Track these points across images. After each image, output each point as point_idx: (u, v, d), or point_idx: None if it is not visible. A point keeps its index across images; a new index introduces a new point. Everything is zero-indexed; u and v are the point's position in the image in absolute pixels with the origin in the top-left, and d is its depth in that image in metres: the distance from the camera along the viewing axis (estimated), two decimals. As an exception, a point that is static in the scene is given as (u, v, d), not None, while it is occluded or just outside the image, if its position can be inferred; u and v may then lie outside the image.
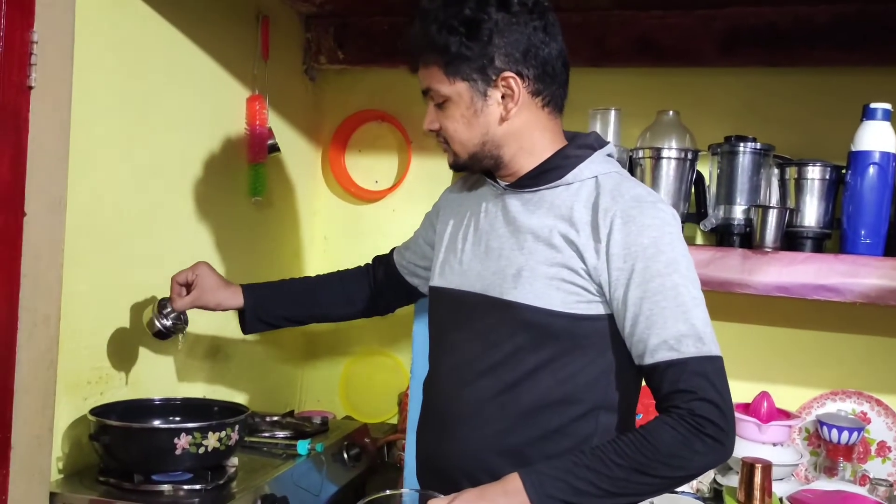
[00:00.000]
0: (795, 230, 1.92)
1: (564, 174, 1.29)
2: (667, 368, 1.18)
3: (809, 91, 2.20)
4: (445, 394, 1.34)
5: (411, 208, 2.58)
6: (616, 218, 1.22)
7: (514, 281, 1.26)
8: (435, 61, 1.27)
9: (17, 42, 1.42)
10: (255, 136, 2.25)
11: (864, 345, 2.17)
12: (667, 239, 1.21)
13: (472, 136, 1.30)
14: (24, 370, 1.47)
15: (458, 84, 1.27)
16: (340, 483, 2.03)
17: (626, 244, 1.20)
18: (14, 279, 1.44)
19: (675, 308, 1.18)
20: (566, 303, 1.23)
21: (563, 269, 1.24)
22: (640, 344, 1.20)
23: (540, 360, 1.25)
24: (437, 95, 1.30)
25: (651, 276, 1.19)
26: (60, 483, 1.62)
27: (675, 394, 1.17)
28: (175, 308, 1.69)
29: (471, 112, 1.29)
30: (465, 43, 1.25)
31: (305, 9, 2.49)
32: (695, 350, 1.17)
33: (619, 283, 1.21)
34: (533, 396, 1.26)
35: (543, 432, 1.25)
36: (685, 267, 1.22)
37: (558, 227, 1.26)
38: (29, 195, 1.46)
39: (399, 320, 2.43)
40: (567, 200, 1.28)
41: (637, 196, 1.24)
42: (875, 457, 2.11)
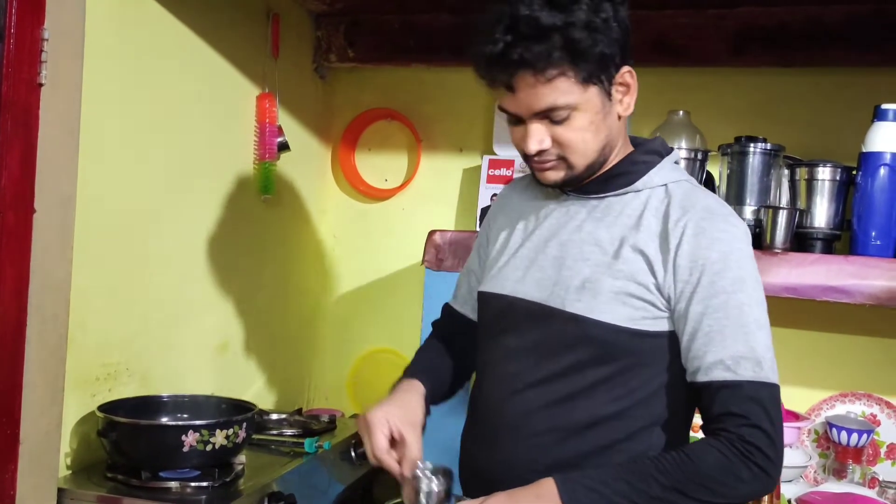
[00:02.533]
0: (805, 231, 1.91)
1: (634, 181, 1.23)
2: (720, 389, 1.13)
3: (820, 92, 2.19)
4: (494, 403, 1.28)
5: (421, 207, 2.58)
6: (687, 228, 1.16)
7: (578, 293, 1.20)
8: (564, 71, 1.12)
9: (28, 39, 1.43)
10: (264, 135, 2.25)
11: (874, 347, 2.16)
12: (736, 255, 1.16)
13: (598, 142, 1.20)
14: (32, 366, 1.48)
15: (591, 89, 1.15)
16: (347, 481, 2.03)
17: (693, 256, 1.15)
18: (23, 276, 1.45)
19: (736, 327, 1.13)
20: (633, 319, 1.18)
21: (631, 283, 1.18)
22: (696, 360, 1.15)
23: (599, 375, 1.20)
24: (561, 110, 1.15)
25: (715, 292, 1.14)
26: (68, 479, 1.63)
27: (725, 416, 1.12)
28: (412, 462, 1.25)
29: (599, 117, 1.18)
30: (603, 42, 1.12)
31: (316, 7, 2.49)
32: (752, 374, 1.12)
33: (683, 296, 1.16)
34: (587, 411, 1.20)
35: (595, 448, 1.20)
36: (752, 287, 1.17)
37: (627, 238, 1.20)
38: (39, 192, 1.47)
39: (407, 318, 2.44)
40: (636, 209, 1.22)
41: (709, 207, 1.19)
42: (884, 459, 2.10)
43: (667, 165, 1.25)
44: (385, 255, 2.62)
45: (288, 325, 2.52)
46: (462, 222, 2.53)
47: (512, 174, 2.34)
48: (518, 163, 2.35)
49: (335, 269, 2.69)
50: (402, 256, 2.56)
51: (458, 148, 2.56)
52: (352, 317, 2.67)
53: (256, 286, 2.33)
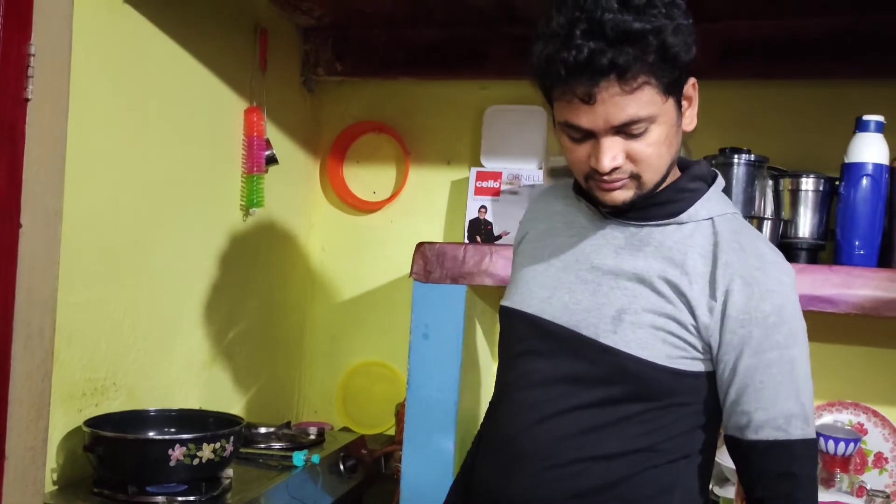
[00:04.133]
0: (790, 241, 1.92)
1: (679, 211, 1.17)
2: (770, 448, 1.11)
3: (803, 103, 2.21)
4: (517, 427, 1.21)
5: (409, 219, 2.59)
6: (737, 277, 1.11)
7: (613, 324, 1.14)
8: (647, 81, 1.05)
9: (15, 55, 1.44)
10: (252, 148, 2.26)
11: (860, 356, 2.16)
12: (790, 309, 1.13)
13: (669, 158, 1.14)
14: (18, 381, 1.47)
15: (669, 101, 1.10)
16: (336, 495, 2.02)
17: (746, 308, 1.10)
18: (9, 290, 1.45)
19: (789, 384, 1.11)
20: (671, 357, 1.13)
21: (671, 322, 1.13)
22: (744, 416, 1.12)
23: (632, 410, 1.15)
24: (641, 123, 1.08)
25: (769, 347, 1.11)
26: (55, 494, 1.62)
27: (777, 478, 1.13)
28: None
29: (674, 130, 1.12)
30: (686, 51, 1.07)
31: (304, 21, 2.50)
32: (801, 432, 1.12)
33: (731, 348, 1.11)
34: (617, 443, 1.16)
35: (621, 478, 1.16)
36: (803, 340, 1.14)
37: (668, 274, 1.14)
38: (25, 207, 1.47)
39: (396, 330, 2.44)
40: (679, 244, 1.15)
41: (762, 255, 1.14)
42: (872, 468, 2.10)
43: (713, 196, 1.20)
44: (373, 268, 2.62)
45: (276, 338, 2.52)
46: (450, 234, 2.54)
47: (499, 186, 2.35)
48: (506, 175, 2.35)
49: (324, 282, 2.69)
50: (391, 269, 2.56)
51: (445, 160, 2.57)
52: (340, 330, 2.67)
53: (244, 299, 2.33)
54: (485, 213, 2.35)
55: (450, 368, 1.91)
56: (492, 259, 1.87)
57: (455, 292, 1.91)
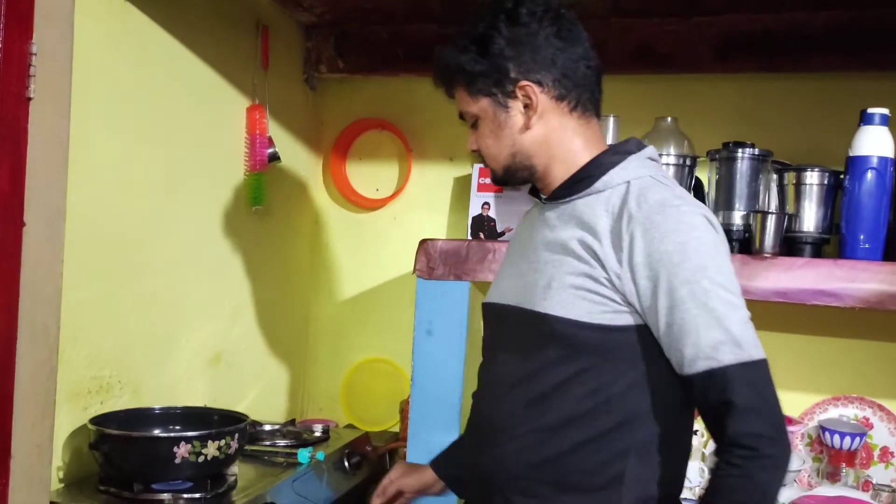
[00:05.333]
0: (794, 235, 1.91)
1: (595, 182, 1.27)
2: (706, 379, 1.14)
3: (807, 97, 2.21)
4: (483, 406, 1.35)
5: (412, 216, 2.59)
6: (637, 225, 1.18)
7: (544, 292, 1.25)
8: (458, 82, 1.33)
9: (16, 54, 1.43)
10: (255, 146, 2.26)
11: (866, 350, 2.16)
12: (693, 245, 1.17)
13: (502, 149, 1.32)
14: (23, 380, 1.47)
15: (482, 101, 1.31)
16: (341, 491, 2.03)
17: (648, 252, 1.17)
18: (13, 289, 1.45)
19: (707, 315, 1.14)
20: (592, 313, 1.20)
21: (587, 279, 1.21)
22: (678, 355, 1.17)
23: (569, 372, 1.22)
24: (468, 116, 1.34)
25: (678, 284, 1.15)
26: (61, 492, 1.63)
27: (718, 408, 1.14)
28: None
29: (496, 125, 1.31)
30: (478, 59, 1.29)
31: (305, 18, 2.50)
32: (732, 357, 1.13)
33: (647, 294, 1.17)
34: (562, 409, 1.23)
35: (574, 445, 1.23)
36: (715, 271, 1.17)
37: (582, 237, 1.23)
38: (28, 206, 1.47)
39: (400, 327, 2.44)
40: (596, 209, 1.25)
41: (662, 200, 1.20)
42: (878, 462, 2.10)
43: (633, 163, 1.28)
44: (377, 265, 2.62)
45: (280, 336, 2.52)
46: (453, 231, 2.53)
47: (502, 182, 2.35)
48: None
49: (327, 280, 2.69)
50: (394, 266, 2.56)
51: (448, 157, 2.56)
52: (344, 327, 2.67)
53: (248, 297, 2.33)
54: (488, 209, 2.35)
55: (453, 365, 1.91)
56: (495, 256, 1.87)
57: (458, 289, 1.91)
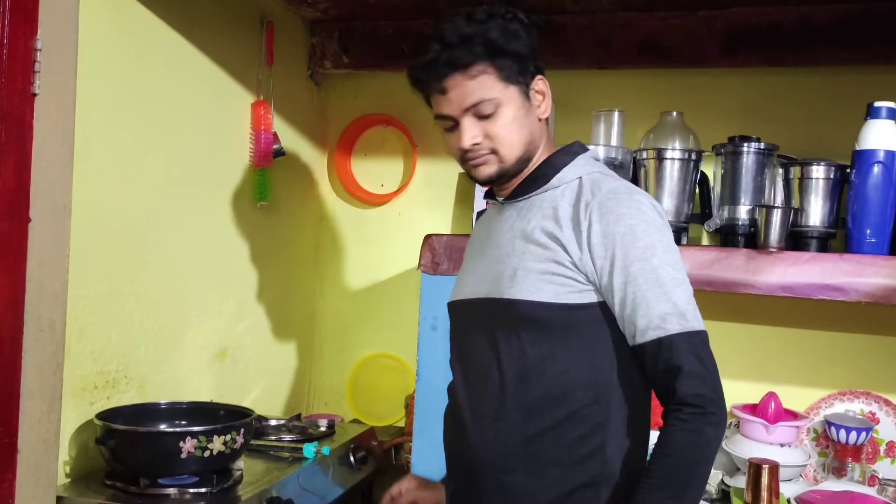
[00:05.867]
0: (800, 230, 1.91)
1: (551, 179, 1.36)
2: (656, 346, 1.24)
3: (813, 90, 2.20)
4: (462, 395, 1.40)
5: (417, 212, 2.59)
6: (594, 210, 1.28)
7: (510, 281, 1.32)
8: (484, 70, 1.30)
9: (21, 50, 1.44)
10: (260, 141, 2.26)
11: (872, 344, 2.15)
12: (642, 227, 1.27)
13: (523, 136, 1.34)
14: (30, 375, 1.48)
15: (511, 87, 1.32)
16: (347, 486, 2.03)
17: (604, 233, 1.27)
18: (19, 284, 1.46)
19: (657, 289, 1.24)
20: (558, 294, 1.29)
21: (552, 264, 1.29)
22: (631, 326, 1.26)
23: (541, 352, 1.30)
24: (487, 105, 1.31)
25: (631, 262, 1.25)
26: (67, 487, 1.64)
27: (667, 373, 1.23)
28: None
29: (522, 112, 1.33)
30: (519, 45, 1.31)
31: (310, 14, 2.50)
32: (678, 327, 1.23)
33: (604, 272, 1.27)
34: (539, 388, 1.30)
35: (553, 422, 1.29)
36: (663, 250, 1.27)
37: (544, 225, 1.32)
38: (34, 201, 1.48)
39: (405, 322, 2.44)
40: (553, 201, 1.34)
41: (614, 189, 1.31)
42: (884, 457, 2.09)
43: (581, 161, 1.38)
44: (382, 260, 2.62)
45: (286, 331, 2.52)
46: (458, 226, 2.53)
47: (507, 177, 2.34)
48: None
49: (332, 275, 2.69)
50: (399, 261, 2.56)
51: (453, 152, 2.56)
52: (349, 322, 2.67)
53: (253, 292, 2.34)
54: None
55: (459, 360, 1.90)
56: (500, 250, 1.87)
57: (464, 284, 1.90)
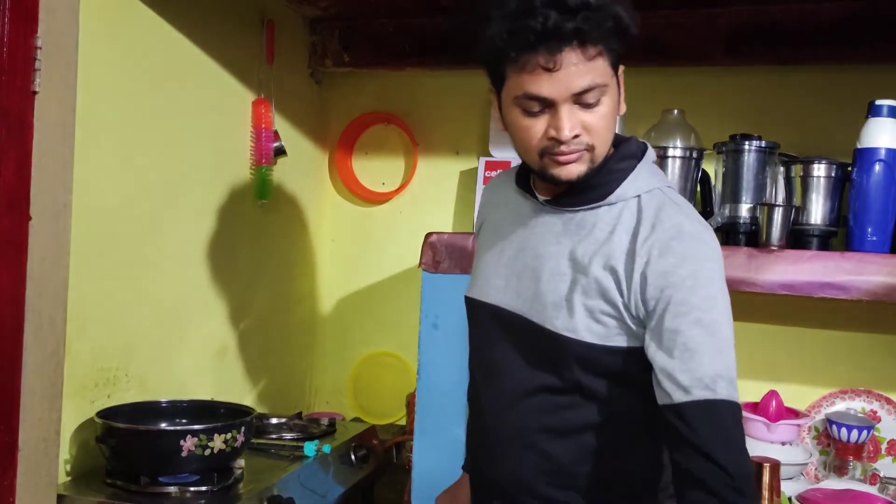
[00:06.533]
0: (801, 228, 1.90)
1: (608, 193, 1.21)
2: (697, 409, 1.10)
3: (815, 89, 2.19)
4: (490, 414, 1.31)
5: (418, 210, 2.59)
6: (654, 248, 1.15)
7: (555, 310, 1.21)
8: (601, 52, 1.12)
9: (21, 48, 1.44)
10: (261, 140, 2.26)
11: (873, 343, 2.15)
12: (706, 274, 1.14)
13: (612, 135, 1.20)
14: (30, 373, 1.48)
15: (614, 77, 1.16)
16: (348, 485, 2.03)
17: (663, 274, 1.13)
18: (20, 282, 1.46)
19: (711, 345, 1.11)
20: (607, 336, 1.18)
21: (602, 302, 1.17)
22: (670, 381, 1.12)
23: (584, 389, 1.21)
24: (595, 93, 1.13)
25: (688, 310, 1.12)
26: (68, 485, 1.64)
27: (706, 439, 1.09)
28: None
29: (616, 104, 1.18)
30: (635, 28, 1.14)
31: (310, 12, 2.50)
32: (727, 393, 1.11)
33: (655, 315, 1.14)
34: (579, 420, 1.23)
35: (589, 453, 1.23)
36: (724, 305, 1.15)
37: (599, 254, 1.19)
38: (34, 199, 1.48)
39: (406, 321, 2.44)
40: (609, 224, 1.20)
41: (679, 226, 1.16)
42: (885, 455, 2.09)
43: (642, 172, 1.23)
44: (383, 259, 2.62)
45: (287, 330, 2.52)
46: (459, 225, 2.53)
47: (508, 176, 2.34)
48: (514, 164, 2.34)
49: (333, 273, 2.69)
50: (400, 259, 2.56)
51: (454, 150, 2.56)
52: (350, 320, 2.68)
53: (254, 291, 2.34)
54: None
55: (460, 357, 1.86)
56: (501, 248, 1.87)
57: (464, 282, 1.86)
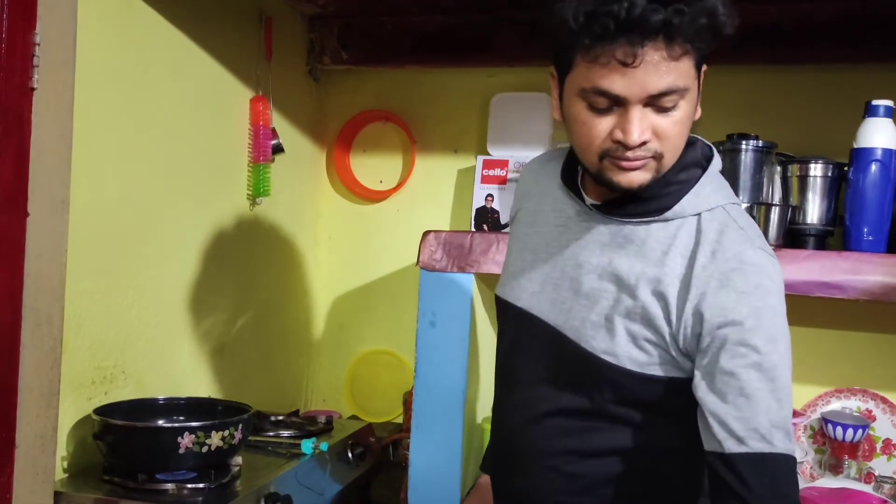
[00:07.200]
0: (798, 228, 1.91)
1: (664, 208, 1.10)
2: (752, 461, 1.01)
3: (811, 88, 2.20)
4: (511, 425, 1.24)
5: (416, 208, 2.59)
6: (713, 280, 1.04)
7: (593, 329, 1.12)
8: (687, 52, 0.99)
9: (20, 44, 1.44)
10: (258, 137, 2.26)
11: (869, 342, 2.16)
12: (769, 312, 1.04)
13: (685, 140, 1.08)
14: (27, 370, 1.48)
15: (696, 77, 1.04)
16: (345, 482, 2.03)
17: (722, 311, 1.03)
18: (17, 279, 1.46)
19: (769, 393, 1.02)
20: (648, 364, 1.10)
21: (647, 328, 1.08)
22: (723, 428, 1.03)
23: (617, 414, 1.14)
24: (674, 97, 1.01)
25: (747, 352, 1.02)
26: (65, 482, 1.63)
27: (762, 496, 1.01)
28: None
29: (693, 109, 1.06)
30: (730, 29, 1.01)
31: (309, 9, 2.50)
32: (784, 446, 1.02)
33: (708, 353, 1.04)
34: (607, 444, 1.16)
35: (616, 475, 1.16)
36: (785, 348, 1.05)
37: (647, 276, 1.09)
38: (32, 196, 1.47)
39: (403, 319, 2.45)
40: (662, 243, 1.09)
41: (741, 256, 1.05)
42: (880, 454, 2.10)
43: (705, 188, 1.11)
44: (380, 257, 2.62)
45: (284, 327, 2.52)
46: (457, 223, 2.53)
47: (506, 174, 2.35)
48: (513, 163, 2.35)
49: (331, 271, 2.69)
50: (398, 257, 2.56)
51: (452, 149, 2.56)
52: (348, 318, 2.68)
53: (252, 288, 2.34)
54: (492, 201, 2.35)
55: (457, 356, 1.91)
56: (499, 247, 1.87)
57: (462, 281, 1.91)
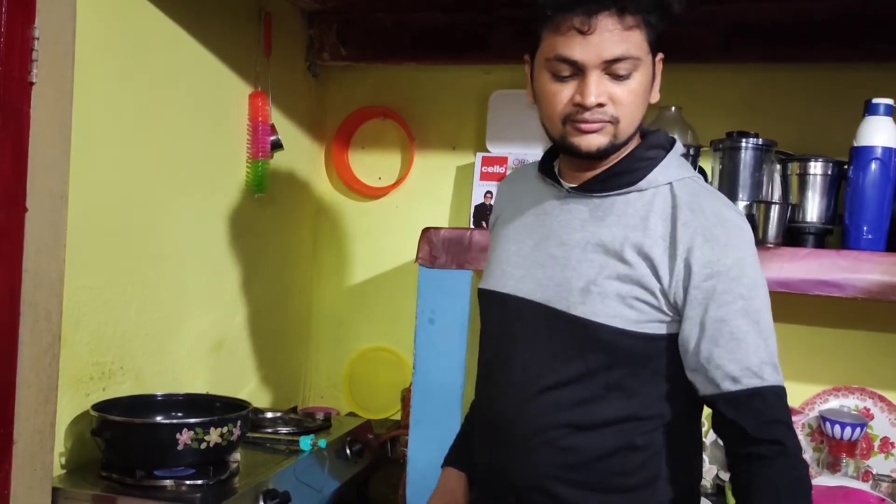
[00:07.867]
0: (797, 226, 1.91)
1: (638, 179, 1.20)
2: (752, 396, 1.12)
3: (811, 87, 2.20)
4: (506, 408, 1.25)
5: (414, 205, 2.58)
6: (697, 235, 1.14)
7: (582, 295, 1.17)
8: (638, 25, 1.13)
9: (19, 38, 1.43)
10: (257, 133, 2.25)
11: (867, 341, 2.16)
12: (749, 261, 1.15)
13: (640, 114, 1.18)
14: (26, 365, 1.48)
15: (648, 55, 1.16)
16: (343, 479, 2.03)
17: (709, 263, 1.13)
18: (16, 274, 1.45)
19: (756, 334, 1.13)
20: (639, 322, 1.16)
21: (636, 287, 1.15)
22: (718, 371, 1.13)
23: (610, 379, 1.18)
24: (627, 64, 1.13)
25: (734, 299, 1.13)
26: (63, 478, 1.63)
27: (763, 426, 1.13)
28: None
29: (647, 83, 1.17)
30: (679, 8, 1.16)
31: (308, 5, 2.49)
32: (774, 380, 1.13)
33: (697, 303, 1.13)
34: (601, 415, 1.19)
35: (610, 449, 1.19)
36: (764, 294, 1.17)
37: (631, 240, 1.17)
38: (30, 191, 1.47)
39: (402, 316, 2.44)
40: (640, 209, 1.18)
41: (719, 213, 1.16)
42: (878, 453, 2.10)
43: (672, 162, 1.22)
44: (379, 253, 2.62)
45: (282, 324, 2.52)
46: (456, 220, 2.53)
47: (505, 171, 2.34)
48: (512, 160, 2.35)
49: (329, 268, 2.69)
50: (396, 254, 2.56)
51: (451, 146, 2.56)
52: (346, 315, 2.67)
53: (250, 284, 2.33)
54: (490, 198, 2.35)
55: (455, 353, 1.91)
56: (498, 244, 1.87)
57: (461, 277, 1.91)
